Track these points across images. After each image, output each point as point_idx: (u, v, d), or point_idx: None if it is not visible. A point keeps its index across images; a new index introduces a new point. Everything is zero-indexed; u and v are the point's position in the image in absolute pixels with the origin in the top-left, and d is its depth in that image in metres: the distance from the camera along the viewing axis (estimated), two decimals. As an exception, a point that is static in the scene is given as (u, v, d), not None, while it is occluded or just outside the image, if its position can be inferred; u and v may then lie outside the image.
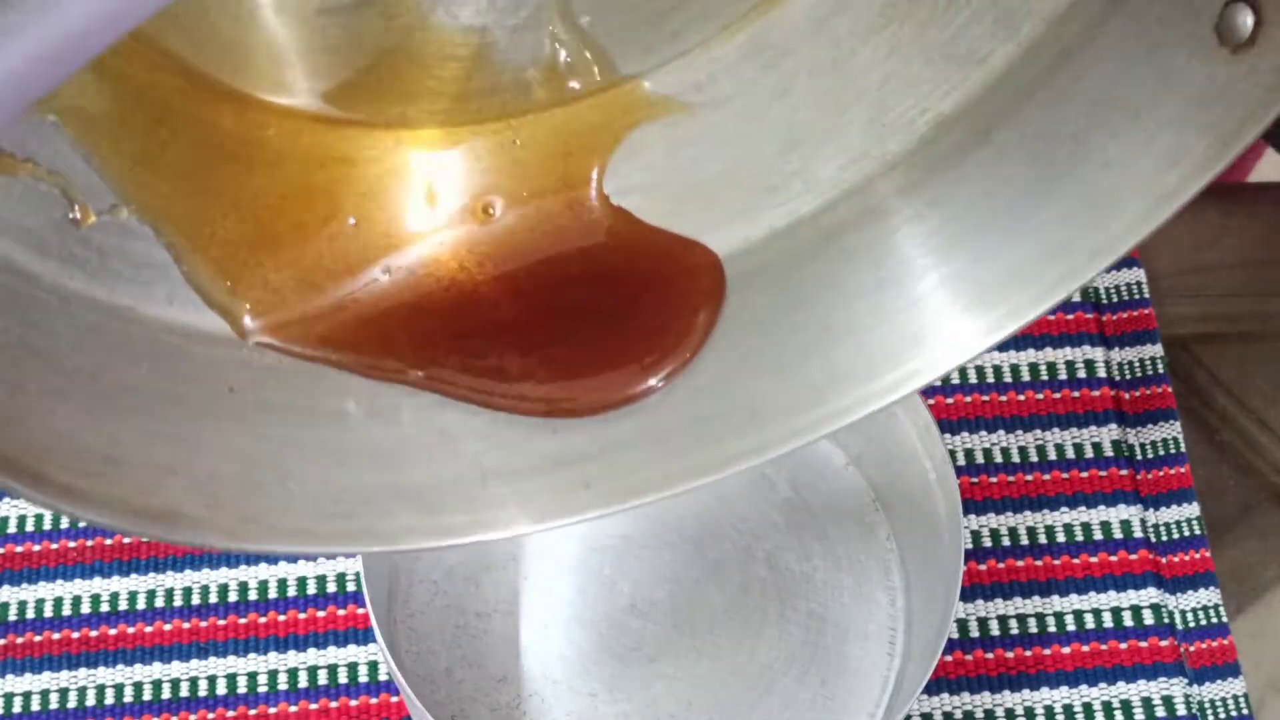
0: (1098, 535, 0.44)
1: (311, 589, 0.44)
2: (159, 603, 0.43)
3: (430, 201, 0.29)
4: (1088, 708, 0.42)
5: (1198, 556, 0.44)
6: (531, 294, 0.29)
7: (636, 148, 0.29)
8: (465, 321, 0.29)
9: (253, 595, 0.43)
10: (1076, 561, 0.44)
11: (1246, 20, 0.23)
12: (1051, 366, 0.47)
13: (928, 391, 0.46)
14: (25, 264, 0.25)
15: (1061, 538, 0.44)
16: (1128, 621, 0.43)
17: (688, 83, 0.29)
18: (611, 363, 0.29)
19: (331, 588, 0.44)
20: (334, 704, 0.42)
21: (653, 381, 0.29)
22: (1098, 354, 0.47)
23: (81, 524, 0.44)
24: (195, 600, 0.43)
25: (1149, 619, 0.43)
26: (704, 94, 0.29)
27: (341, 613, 0.43)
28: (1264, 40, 0.23)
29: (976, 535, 0.44)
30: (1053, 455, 0.46)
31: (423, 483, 0.28)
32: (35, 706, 0.42)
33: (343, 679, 0.42)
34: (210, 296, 0.27)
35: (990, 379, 0.47)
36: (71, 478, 0.25)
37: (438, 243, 0.29)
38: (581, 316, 0.30)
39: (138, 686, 0.42)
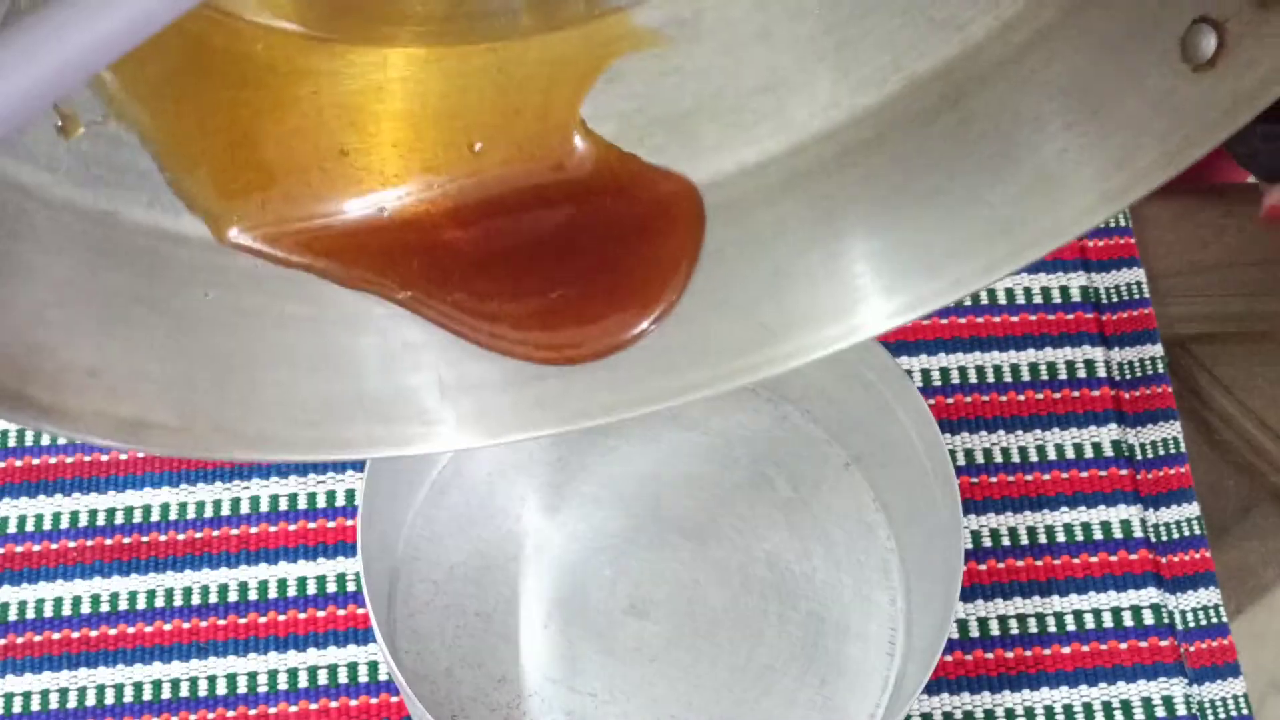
0: (1098, 535, 0.44)
1: (311, 589, 0.44)
2: (159, 603, 0.43)
3: (416, 133, 0.29)
4: (1088, 708, 0.42)
5: (1198, 556, 0.44)
6: (519, 230, 0.30)
7: (615, 76, 0.29)
8: (459, 256, 0.30)
9: (253, 595, 0.43)
10: (1076, 561, 0.44)
11: (1210, 42, 0.24)
12: (1051, 366, 0.47)
13: (928, 391, 0.46)
14: (15, 175, 0.25)
15: (1061, 538, 0.44)
16: (1128, 621, 0.43)
17: (672, 17, 0.29)
18: (611, 307, 0.30)
19: (331, 588, 0.44)
20: (334, 704, 0.42)
21: (645, 325, 0.30)
22: (1098, 354, 0.47)
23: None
24: (195, 600, 0.43)
25: (1149, 619, 0.43)
26: (687, 30, 0.29)
27: (341, 613, 0.43)
28: (1223, 65, 0.24)
29: (976, 535, 0.44)
30: (1053, 455, 0.46)
31: (385, 392, 0.29)
32: (35, 706, 0.42)
33: (343, 679, 0.42)
34: (193, 201, 0.28)
35: (990, 379, 0.47)
36: (52, 394, 0.25)
37: (424, 175, 0.29)
38: (573, 255, 0.30)
39: (138, 686, 0.42)
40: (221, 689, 0.42)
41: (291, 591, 0.44)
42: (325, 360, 0.29)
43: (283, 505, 0.45)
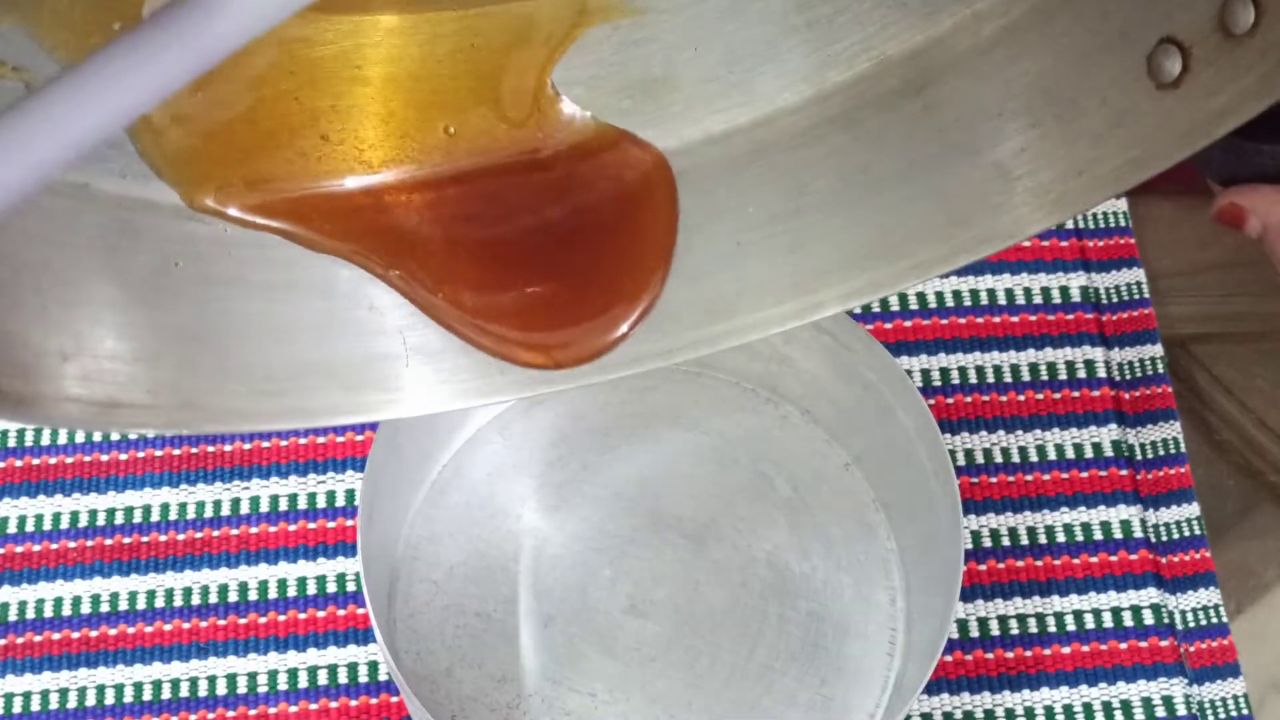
0: (1098, 535, 0.44)
1: (311, 589, 0.44)
2: (159, 603, 0.43)
3: (390, 106, 0.29)
4: (1088, 708, 0.42)
5: (1198, 556, 0.44)
6: (500, 213, 0.30)
7: (585, 43, 0.29)
8: (443, 237, 0.30)
9: (253, 595, 0.43)
10: (1076, 561, 0.44)
11: (1174, 64, 0.24)
12: (1051, 366, 0.47)
13: (928, 391, 0.46)
14: None
15: (1061, 538, 0.44)
16: (1128, 621, 0.43)
17: None
18: (594, 304, 0.30)
19: (331, 588, 0.44)
20: (334, 704, 0.42)
21: (629, 324, 0.30)
22: (1098, 354, 0.47)
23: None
24: (195, 600, 0.43)
25: (1149, 619, 0.43)
26: (660, 1, 0.29)
27: (341, 613, 0.43)
28: (1186, 87, 0.24)
29: (976, 535, 0.44)
30: (1053, 455, 0.46)
31: (350, 359, 0.30)
32: (35, 706, 0.42)
33: (343, 679, 0.42)
34: (162, 169, 0.28)
35: (990, 379, 0.47)
36: (25, 384, 0.25)
37: (402, 156, 0.29)
38: (552, 239, 0.30)
39: (138, 686, 0.42)
40: (221, 689, 0.42)
41: (291, 591, 0.44)
42: (291, 327, 0.29)
43: (283, 505, 0.45)
